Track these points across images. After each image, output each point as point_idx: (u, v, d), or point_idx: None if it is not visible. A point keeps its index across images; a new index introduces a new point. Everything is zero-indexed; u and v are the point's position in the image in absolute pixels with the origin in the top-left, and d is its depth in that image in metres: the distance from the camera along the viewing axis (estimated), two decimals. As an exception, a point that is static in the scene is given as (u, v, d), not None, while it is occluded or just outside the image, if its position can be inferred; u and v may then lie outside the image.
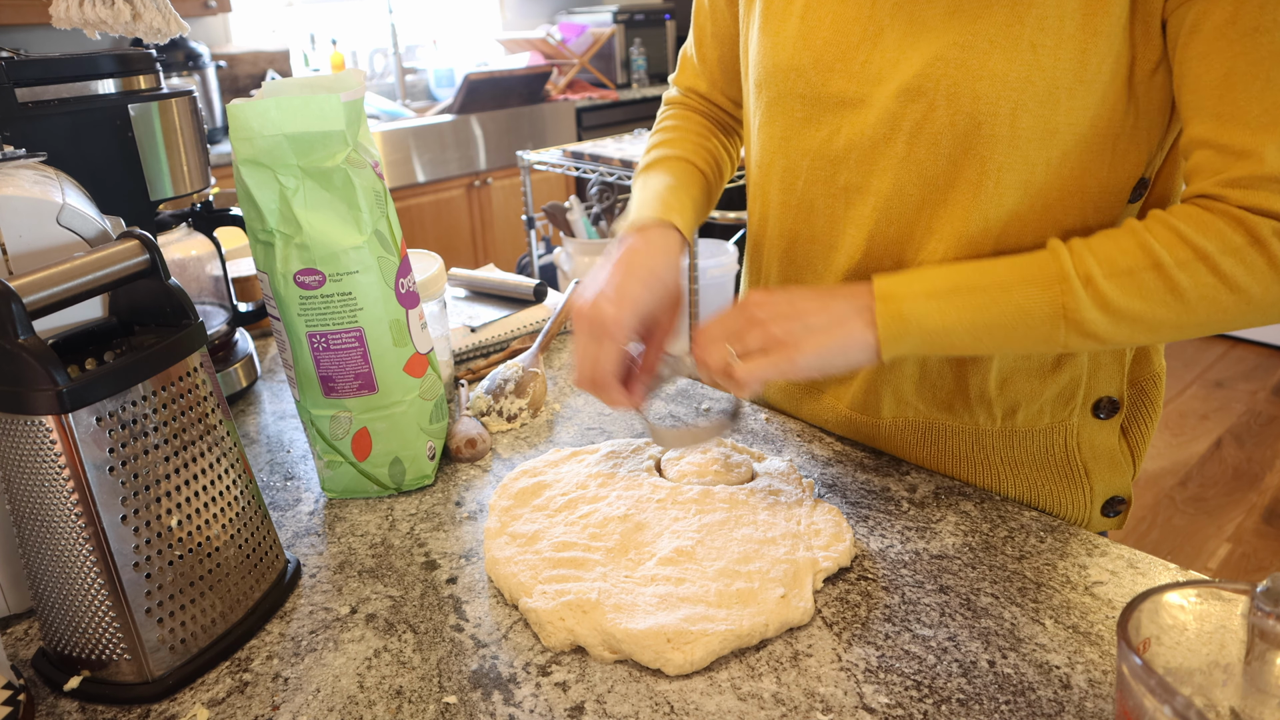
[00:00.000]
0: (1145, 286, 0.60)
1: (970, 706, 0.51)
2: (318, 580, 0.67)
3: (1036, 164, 0.65)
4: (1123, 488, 0.78)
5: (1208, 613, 0.42)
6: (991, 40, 0.64)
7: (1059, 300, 0.61)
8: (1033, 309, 0.61)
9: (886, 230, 0.72)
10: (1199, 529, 2.29)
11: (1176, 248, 0.59)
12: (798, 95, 0.75)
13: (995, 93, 0.64)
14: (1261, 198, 0.58)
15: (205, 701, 0.55)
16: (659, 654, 0.54)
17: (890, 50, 0.69)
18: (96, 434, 0.51)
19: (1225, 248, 0.58)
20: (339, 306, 0.70)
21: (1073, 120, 0.63)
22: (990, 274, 0.63)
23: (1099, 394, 0.75)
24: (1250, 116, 0.58)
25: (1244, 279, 0.58)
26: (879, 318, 0.64)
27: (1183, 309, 0.60)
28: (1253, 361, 3.24)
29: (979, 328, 0.63)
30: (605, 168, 2.49)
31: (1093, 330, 0.61)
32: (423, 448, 0.77)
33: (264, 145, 0.65)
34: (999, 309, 0.62)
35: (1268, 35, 0.56)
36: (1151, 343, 0.62)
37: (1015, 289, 0.62)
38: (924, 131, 0.68)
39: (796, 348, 0.64)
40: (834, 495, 0.74)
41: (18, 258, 0.59)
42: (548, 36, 3.86)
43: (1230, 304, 0.59)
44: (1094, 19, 0.61)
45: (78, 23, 0.87)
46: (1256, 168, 0.58)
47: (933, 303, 0.63)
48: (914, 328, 0.63)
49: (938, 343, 0.64)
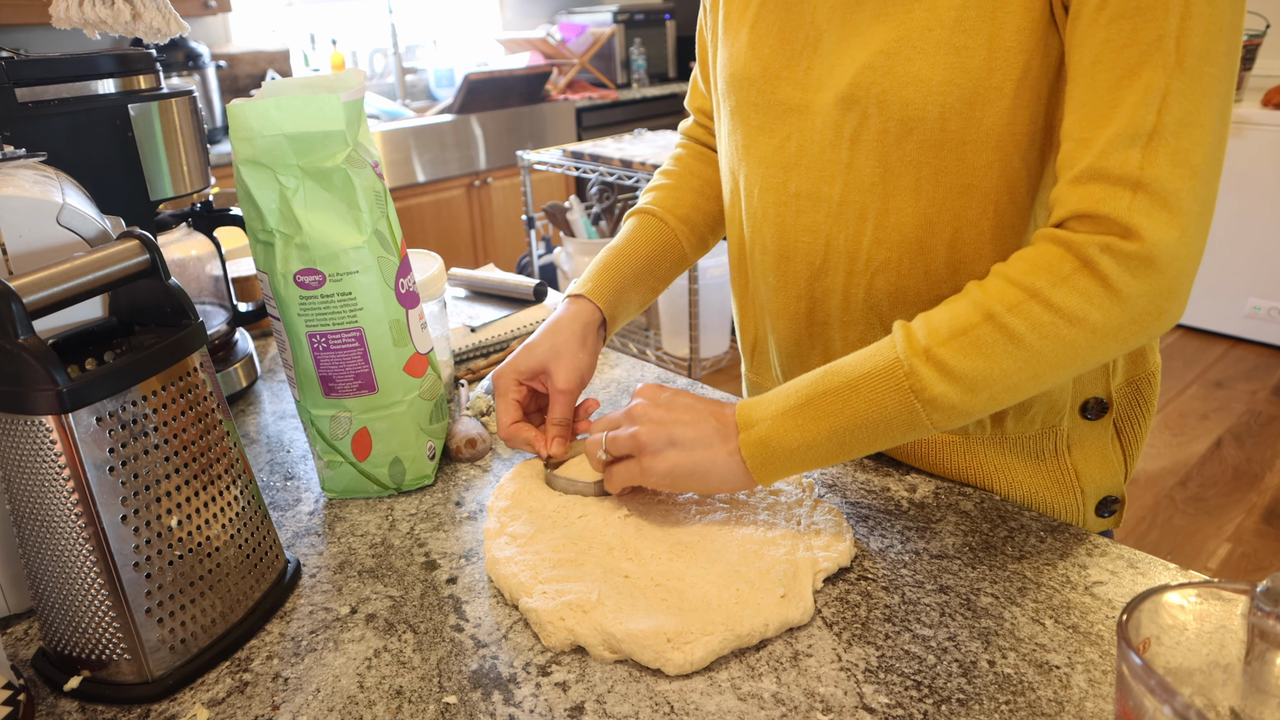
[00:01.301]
0: (981, 342, 0.57)
1: (970, 706, 0.51)
2: (318, 580, 0.67)
3: (976, 167, 0.64)
4: (1114, 487, 0.77)
5: (1208, 613, 0.42)
6: (914, 45, 0.63)
7: (904, 384, 0.58)
8: (883, 400, 0.58)
9: (837, 237, 0.72)
10: (1199, 529, 2.29)
11: (1005, 293, 0.57)
12: (751, 104, 0.76)
13: (921, 98, 0.63)
14: (1093, 198, 0.55)
15: (205, 701, 0.55)
16: (659, 654, 0.54)
17: (828, 56, 0.69)
18: (96, 434, 0.51)
19: (1055, 279, 0.56)
20: (339, 306, 0.70)
21: (1008, 121, 0.62)
22: (836, 375, 0.61)
23: (1085, 395, 0.74)
24: (1103, 105, 0.55)
25: (1080, 308, 0.55)
26: (743, 445, 0.62)
27: (1027, 356, 0.56)
28: (1253, 361, 3.24)
29: (840, 434, 0.60)
30: (605, 168, 2.49)
31: (948, 404, 0.57)
32: (423, 448, 0.77)
33: (264, 145, 0.65)
34: (852, 409, 0.59)
35: (1130, 21, 0.54)
36: (1015, 401, 0.59)
37: (861, 384, 0.59)
38: (861, 139, 0.68)
39: (653, 458, 0.64)
40: (834, 495, 0.74)
41: (18, 258, 0.59)
42: (548, 36, 3.86)
43: (1076, 338, 0.56)
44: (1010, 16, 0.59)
45: (78, 23, 0.87)
46: (1094, 160, 0.55)
47: (788, 421, 0.61)
48: (777, 451, 0.61)
49: (807, 458, 0.61)
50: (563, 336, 0.78)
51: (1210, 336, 3.47)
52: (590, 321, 0.80)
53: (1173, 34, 0.54)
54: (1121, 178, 0.55)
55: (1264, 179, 3.17)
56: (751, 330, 0.88)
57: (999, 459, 0.76)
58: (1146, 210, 0.54)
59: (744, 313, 0.89)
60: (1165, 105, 0.54)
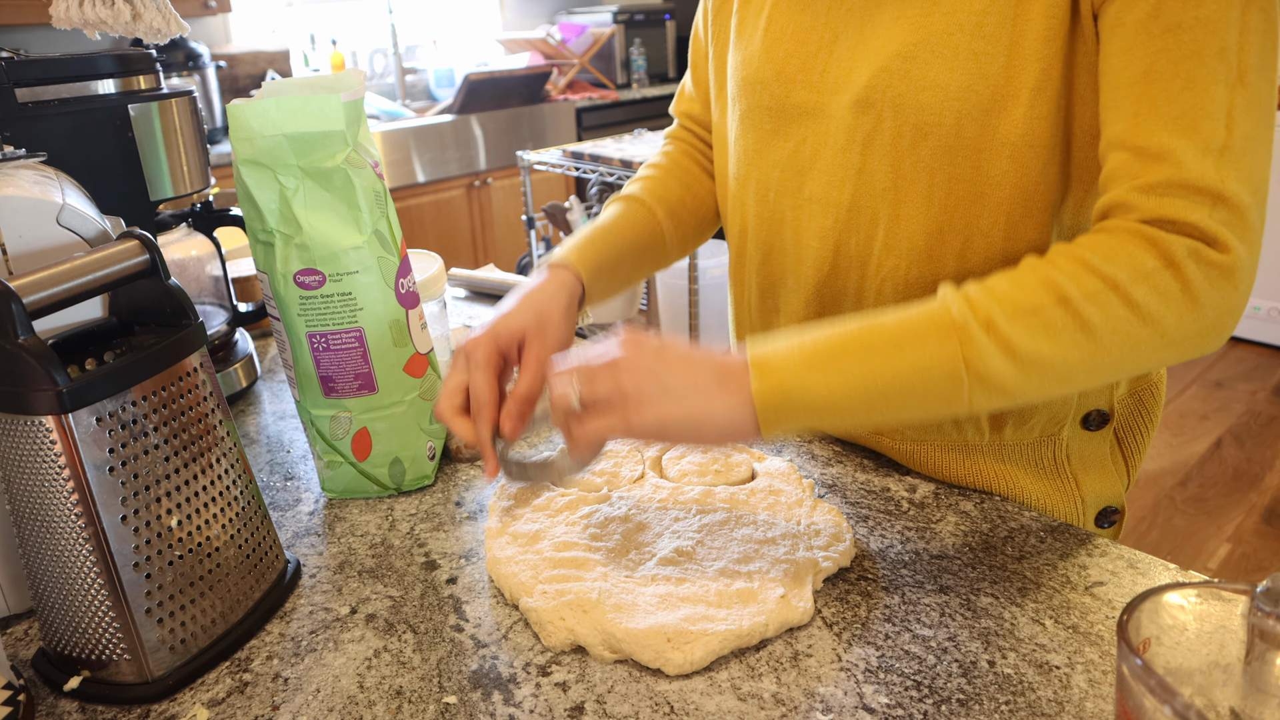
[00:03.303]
0: (1053, 325, 0.53)
1: (970, 706, 0.51)
2: (318, 580, 0.67)
3: (990, 174, 0.63)
4: (1114, 497, 0.77)
5: (1208, 613, 0.42)
6: (933, 49, 0.62)
7: (959, 353, 0.53)
8: (931, 366, 0.53)
9: (848, 242, 0.71)
10: (1199, 529, 2.29)
11: (1084, 279, 0.53)
12: (764, 108, 0.75)
13: (938, 103, 0.62)
14: (1176, 207, 0.53)
15: (205, 701, 0.55)
16: (659, 654, 0.54)
17: (845, 59, 0.68)
18: (96, 434, 0.51)
19: (1137, 274, 0.53)
20: (339, 306, 0.70)
21: (1024, 130, 0.61)
22: (879, 332, 0.55)
23: (1089, 407, 0.73)
24: (1169, 117, 0.54)
25: (1157, 308, 0.53)
26: (756, 394, 0.55)
27: (1095, 348, 0.53)
28: (1253, 361, 3.24)
29: (872, 395, 0.54)
30: (605, 168, 2.49)
31: (1000, 383, 0.53)
32: (423, 448, 0.77)
33: (264, 145, 0.65)
34: (893, 371, 0.54)
35: (1189, 33, 0.53)
36: (1060, 394, 0.55)
37: (909, 345, 0.54)
38: (875, 143, 0.67)
39: (638, 408, 0.55)
40: (834, 495, 0.74)
41: (18, 258, 0.59)
42: (548, 36, 3.86)
43: (1145, 338, 0.53)
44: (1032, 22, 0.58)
45: (78, 23, 0.87)
46: (1173, 172, 0.53)
47: (816, 372, 0.54)
48: (797, 402, 0.55)
49: (825, 416, 0.55)
50: (547, 305, 0.72)
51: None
52: (574, 293, 0.75)
53: (1234, 48, 0.52)
54: (1203, 189, 0.53)
55: (1264, 179, 3.17)
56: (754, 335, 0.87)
57: (998, 466, 0.75)
58: (1228, 223, 0.53)
59: (742, 318, 0.87)
60: (1232, 120, 0.53)
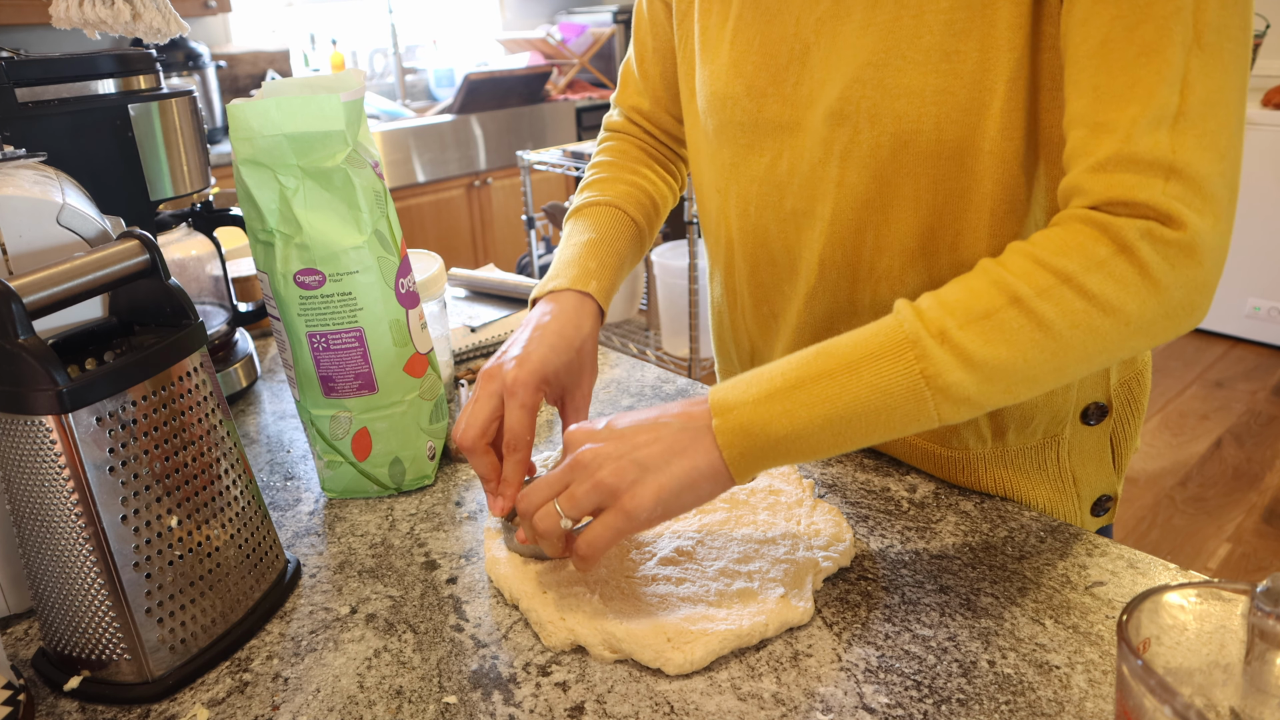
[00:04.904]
0: (1007, 327, 0.51)
1: (970, 706, 0.51)
2: (318, 580, 0.67)
3: (976, 175, 0.62)
4: (1108, 486, 0.77)
5: (1208, 613, 0.42)
6: (903, 55, 0.60)
7: (915, 368, 0.52)
8: (890, 385, 0.52)
9: (835, 253, 0.71)
10: (1199, 529, 2.29)
11: (1035, 275, 0.52)
12: (737, 123, 0.73)
13: (915, 110, 0.61)
14: (1125, 185, 0.51)
15: (205, 701, 0.55)
16: (659, 654, 0.54)
17: (817, 71, 0.66)
18: (96, 434, 0.51)
19: (1089, 264, 0.51)
20: (339, 306, 0.70)
21: (1003, 124, 0.60)
22: (835, 356, 0.54)
23: (1087, 400, 0.73)
24: (1123, 87, 0.51)
25: (1115, 295, 0.51)
26: (719, 433, 0.54)
27: (1055, 345, 0.51)
28: (1253, 361, 3.24)
29: (835, 421, 0.53)
30: (605, 168, 2.49)
31: (961, 394, 0.52)
32: (423, 448, 0.77)
33: (264, 145, 0.65)
34: (852, 395, 0.52)
35: None
36: (1033, 395, 0.54)
37: (865, 367, 0.53)
38: (853, 155, 0.65)
39: (632, 496, 0.53)
40: (834, 495, 0.74)
41: (18, 258, 0.59)
42: (548, 36, 3.86)
43: (1107, 328, 0.51)
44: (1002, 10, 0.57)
45: (78, 23, 0.87)
46: (1121, 146, 0.51)
47: (774, 406, 0.53)
48: (760, 439, 0.53)
49: (794, 449, 0.54)
50: (586, 342, 0.70)
51: (1210, 336, 3.47)
52: (598, 322, 0.73)
53: (1189, 8, 0.50)
54: (1153, 163, 0.51)
55: (1264, 179, 3.17)
56: (747, 342, 0.86)
57: (997, 471, 0.75)
58: (1183, 197, 0.50)
59: (739, 325, 0.86)
60: (1188, 85, 0.50)
